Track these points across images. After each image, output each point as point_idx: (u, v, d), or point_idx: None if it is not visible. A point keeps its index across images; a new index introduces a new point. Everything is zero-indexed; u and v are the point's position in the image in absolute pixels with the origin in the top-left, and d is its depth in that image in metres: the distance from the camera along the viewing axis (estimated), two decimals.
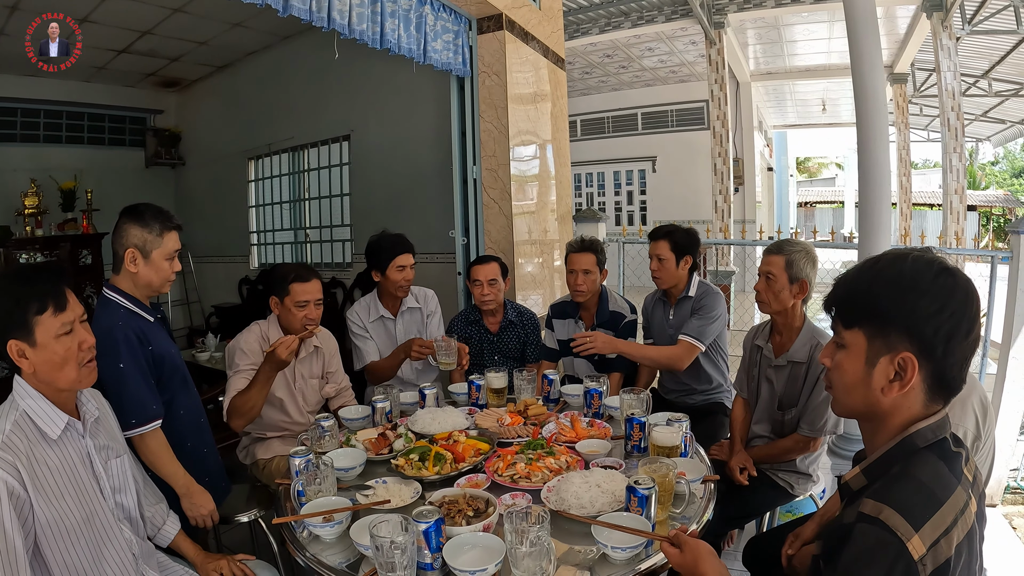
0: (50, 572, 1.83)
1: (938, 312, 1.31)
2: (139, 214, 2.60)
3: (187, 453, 2.76)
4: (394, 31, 3.98)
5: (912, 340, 1.34)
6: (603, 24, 11.21)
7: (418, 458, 2.46)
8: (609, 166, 16.53)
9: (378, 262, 3.78)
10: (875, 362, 1.38)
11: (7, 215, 7.44)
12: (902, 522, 1.23)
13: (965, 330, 1.32)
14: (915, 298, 1.33)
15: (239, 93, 8.28)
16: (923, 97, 15.72)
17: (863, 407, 1.45)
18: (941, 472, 1.33)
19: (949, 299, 1.32)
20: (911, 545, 1.21)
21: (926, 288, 1.33)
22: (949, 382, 1.36)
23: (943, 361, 1.33)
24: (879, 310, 1.38)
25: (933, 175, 24.86)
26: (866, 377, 1.40)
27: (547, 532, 1.75)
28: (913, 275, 1.35)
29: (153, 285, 2.66)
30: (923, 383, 1.36)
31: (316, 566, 1.94)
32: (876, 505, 1.28)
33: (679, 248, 3.69)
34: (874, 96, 4.25)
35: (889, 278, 1.38)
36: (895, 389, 1.37)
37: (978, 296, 1.36)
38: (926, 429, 1.36)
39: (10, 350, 1.81)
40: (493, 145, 4.80)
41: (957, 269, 1.36)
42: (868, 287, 1.41)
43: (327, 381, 3.58)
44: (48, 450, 1.84)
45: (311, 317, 3.27)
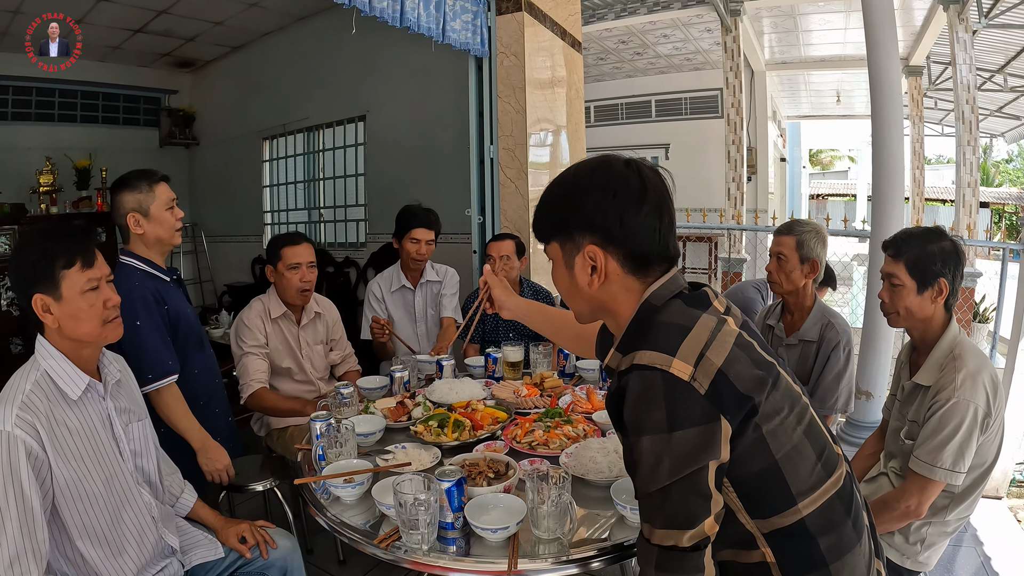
0: (68, 533, 1.85)
1: (600, 200, 1.41)
2: (125, 181, 2.76)
3: (199, 411, 2.86)
4: (414, 10, 3.98)
5: (590, 232, 1.44)
6: (619, 10, 11.15)
7: (437, 424, 2.49)
8: (622, 153, 16.27)
9: (398, 230, 3.92)
10: (572, 264, 1.48)
11: (22, 193, 7.45)
12: (656, 355, 1.29)
13: (636, 205, 1.40)
14: (580, 196, 1.44)
15: (254, 73, 8.25)
16: (938, 91, 15.60)
17: (588, 308, 1.57)
18: (680, 309, 1.41)
19: (608, 186, 1.42)
20: (674, 369, 1.27)
21: (586, 184, 1.45)
22: (647, 254, 1.44)
23: (626, 240, 1.42)
24: (558, 220, 1.50)
25: (946, 171, 24.71)
26: (572, 280, 1.50)
27: (568, 492, 1.78)
28: (575, 179, 1.48)
29: (163, 239, 2.79)
30: (620, 266, 1.45)
31: (338, 527, 1.96)
32: (628, 357, 1.35)
33: None
34: (890, 88, 4.23)
35: (558, 191, 1.51)
36: (596, 281, 1.46)
37: (644, 171, 1.45)
38: (659, 290, 1.45)
39: (35, 304, 1.82)
40: (511, 125, 4.79)
41: (617, 157, 1.48)
42: (545, 206, 1.54)
43: (331, 348, 3.70)
44: (68, 411, 1.86)
45: (306, 279, 3.39)
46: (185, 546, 2.22)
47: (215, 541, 2.31)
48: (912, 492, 2.19)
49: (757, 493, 1.36)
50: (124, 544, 1.95)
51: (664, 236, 1.44)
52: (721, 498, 1.31)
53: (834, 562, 1.38)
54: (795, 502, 1.36)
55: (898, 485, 2.36)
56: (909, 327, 2.41)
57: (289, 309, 3.46)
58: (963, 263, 2.32)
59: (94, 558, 1.89)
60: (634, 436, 1.30)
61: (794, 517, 1.36)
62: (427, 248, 3.91)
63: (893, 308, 2.37)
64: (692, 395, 1.25)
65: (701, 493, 1.27)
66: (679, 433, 1.24)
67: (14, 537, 1.64)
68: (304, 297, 3.41)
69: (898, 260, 2.32)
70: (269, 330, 3.40)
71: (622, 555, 1.81)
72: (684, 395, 1.25)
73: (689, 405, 1.25)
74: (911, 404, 2.36)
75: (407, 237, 3.87)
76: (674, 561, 1.28)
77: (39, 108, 8.00)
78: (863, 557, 1.44)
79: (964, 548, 3.46)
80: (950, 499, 2.28)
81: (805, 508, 1.36)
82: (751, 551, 1.40)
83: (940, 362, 2.27)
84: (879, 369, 4.58)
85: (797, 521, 1.36)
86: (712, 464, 1.27)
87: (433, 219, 3.92)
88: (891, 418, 2.55)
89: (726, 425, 1.27)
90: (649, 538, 1.31)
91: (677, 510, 1.27)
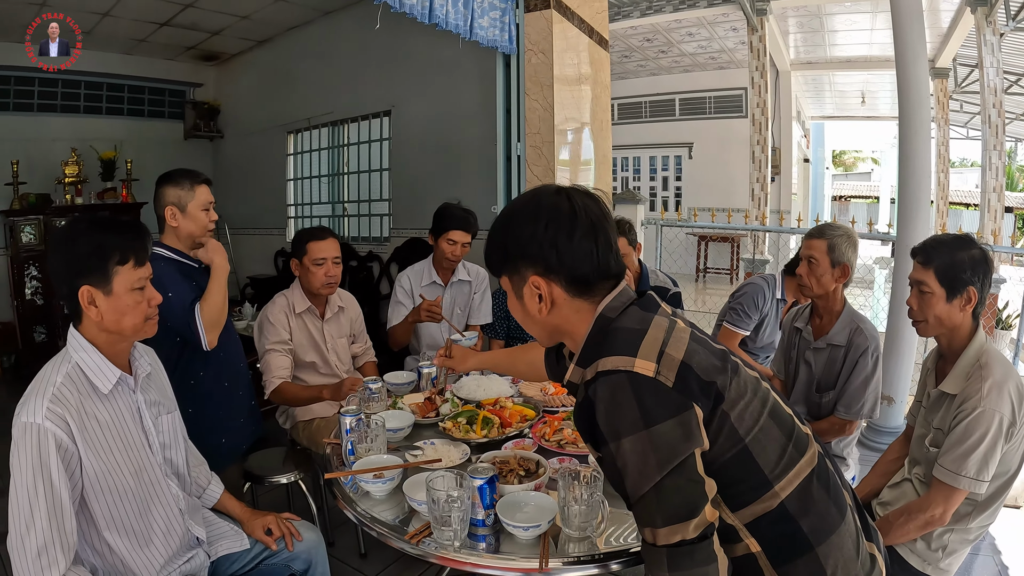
0: (96, 524, 1.85)
1: (533, 230, 1.47)
2: (170, 176, 2.92)
3: (224, 392, 3.04)
4: (443, 6, 3.98)
5: (530, 263, 1.49)
6: (644, 7, 11.10)
7: (466, 421, 2.49)
8: (645, 151, 16.42)
9: (435, 228, 3.90)
10: (521, 294, 1.54)
11: (48, 183, 7.53)
12: (617, 359, 1.33)
13: (567, 230, 1.46)
14: (515, 231, 1.51)
15: (279, 67, 8.28)
16: (964, 93, 15.47)
17: (545, 333, 1.62)
18: (633, 314, 1.49)
19: (538, 216, 1.47)
20: (638, 368, 1.30)
21: (519, 219, 1.51)
22: (587, 277, 1.49)
23: (564, 266, 1.47)
24: (500, 255, 1.56)
25: (970, 174, 24.51)
26: (524, 309, 1.56)
27: (599, 491, 1.78)
28: (509, 216, 1.55)
29: (195, 235, 2.92)
30: (565, 291, 1.50)
31: (368, 521, 1.96)
32: (590, 368, 1.39)
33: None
34: (917, 89, 4.20)
35: (497, 229, 1.57)
36: (545, 308, 1.52)
37: (573, 196, 1.50)
38: (612, 302, 1.51)
39: (81, 296, 1.82)
40: (538, 123, 4.78)
41: (547, 188, 1.54)
42: (490, 244, 1.59)
43: (353, 341, 3.75)
44: (99, 404, 1.86)
45: (331, 274, 3.42)
46: (211, 537, 2.22)
47: (241, 533, 2.31)
48: (937, 501, 2.18)
49: (733, 481, 1.38)
50: (151, 535, 1.96)
51: (602, 256, 1.48)
52: (713, 483, 1.33)
53: (820, 544, 1.41)
54: (771, 485, 1.39)
55: (922, 492, 2.35)
56: (937, 335, 2.38)
57: (313, 303, 3.47)
58: (992, 271, 2.30)
59: (121, 549, 1.89)
60: (614, 442, 1.32)
61: (773, 501, 1.39)
62: (463, 250, 3.90)
63: (922, 316, 2.34)
64: (661, 389, 1.30)
65: (694, 480, 1.30)
66: (657, 428, 1.28)
67: (43, 528, 1.65)
68: (329, 289, 3.43)
69: (928, 267, 2.29)
70: (293, 325, 3.42)
71: None
72: (653, 391, 1.29)
73: (660, 399, 1.29)
74: (937, 412, 2.34)
75: (444, 237, 3.85)
76: (685, 557, 1.29)
77: (65, 100, 8.08)
78: (850, 537, 1.46)
79: (982, 556, 3.43)
80: (973, 507, 2.27)
81: (783, 491, 1.39)
82: (735, 544, 1.42)
83: (966, 371, 2.25)
84: (901, 374, 4.56)
85: (777, 506, 1.39)
86: (697, 451, 1.30)
87: (472, 221, 3.91)
88: (916, 425, 2.52)
89: (698, 411, 1.31)
90: (654, 541, 1.32)
91: (676, 502, 1.29)
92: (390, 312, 3.99)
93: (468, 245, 3.92)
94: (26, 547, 1.64)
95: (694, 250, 14.37)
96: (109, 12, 6.73)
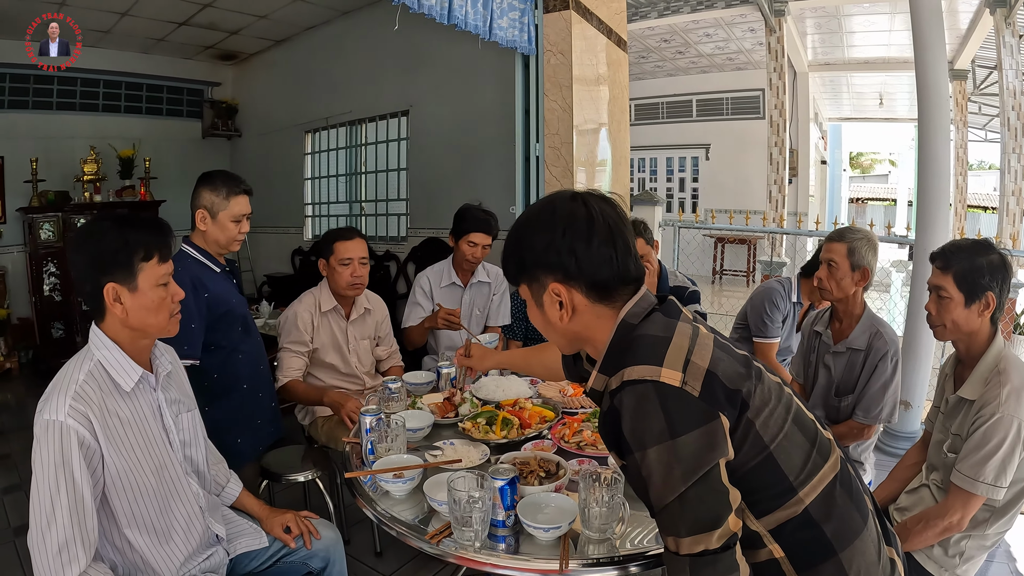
0: (117, 521, 1.86)
1: (551, 238, 1.46)
2: (210, 179, 2.89)
3: (243, 393, 3.06)
4: (462, 7, 3.99)
5: (549, 271, 1.48)
6: (662, 8, 11.08)
7: (485, 422, 2.49)
8: (662, 152, 16.37)
9: (457, 229, 3.89)
10: (541, 302, 1.53)
11: (66, 181, 7.59)
12: (643, 368, 1.32)
13: (586, 237, 1.44)
14: (532, 239, 1.49)
15: (297, 67, 8.33)
16: (982, 95, 15.36)
17: (566, 340, 1.60)
18: (657, 320, 1.46)
19: (555, 223, 1.46)
20: (664, 377, 1.30)
21: (534, 227, 1.50)
22: (607, 283, 1.48)
23: (583, 273, 1.46)
24: (518, 264, 1.54)
25: (988, 177, 24.32)
26: (545, 316, 1.55)
27: (620, 493, 1.78)
28: (525, 223, 1.53)
29: (220, 243, 2.94)
30: (585, 298, 1.49)
31: (388, 521, 1.97)
32: (615, 376, 1.38)
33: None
34: (936, 91, 4.18)
35: (513, 237, 1.55)
36: (566, 315, 1.50)
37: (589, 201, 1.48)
38: (634, 308, 1.49)
39: (106, 293, 1.83)
40: (557, 124, 4.79)
41: (563, 194, 1.52)
42: (507, 252, 1.57)
43: (378, 343, 3.74)
44: (120, 402, 1.86)
45: (357, 275, 3.42)
46: (230, 535, 2.23)
47: (259, 530, 2.32)
48: (955, 507, 2.17)
49: (757, 488, 1.38)
50: (172, 533, 1.97)
51: (621, 261, 1.47)
52: (737, 493, 1.33)
53: (843, 549, 1.40)
54: (796, 491, 1.39)
55: (939, 498, 2.34)
56: (955, 340, 2.38)
57: (339, 303, 3.48)
58: (1011, 277, 2.29)
59: (142, 546, 1.90)
60: (639, 451, 1.31)
61: (798, 507, 1.39)
62: (483, 252, 3.90)
63: (940, 321, 2.34)
64: (687, 399, 1.29)
65: (718, 490, 1.30)
66: (683, 438, 1.27)
67: (64, 525, 1.66)
68: (356, 290, 3.44)
69: (946, 272, 2.29)
70: (318, 323, 3.43)
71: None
72: (679, 401, 1.29)
73: (686, 409, 1.29)
74: (955, 417, 2.33)
75: (464, 239, 3.84)
76: (708, 567, 1.29)
77: (84, 98, 8.16)
78: (872, 543, 1.46)
79: (996, 563, 3.40)
80: (991, 513, 2.26)
81: (807, 496, 1.39)
82: (758, 551, 1.42)
83: (985, 376, 2.25)
84: (919, 379, 4.53)
85: (802, 512, 1.39)
86: (721, 461, 1.30)
87: (493, 223, 3.90)
88: (934, 430, 2.51)
89: (725, 421, 1.30)
90: (677, 550, 1.31)
91: (700, 512, 1.29)
92: (406, 312, 3.99)
93: (489, 247, 3.91)
94: (47, 543, 1.65)
95: (711, 252, 14.28)
96: (128, 12, 6.78)
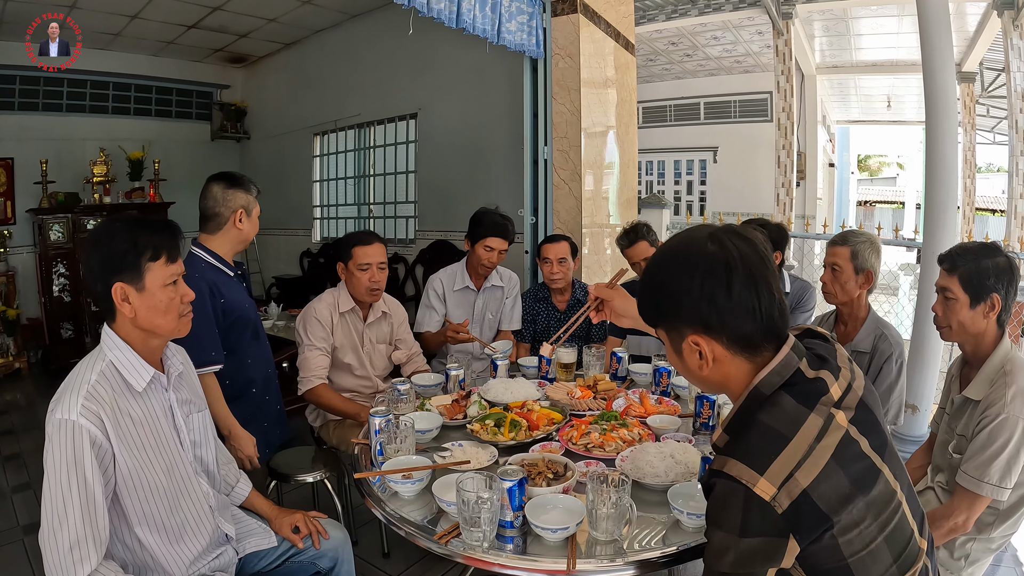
0: (127, 520, 1.86)
1: (688, 286, 1.36)
2: (238, 180, 2.92)
3: (251, 398, 3.04)
4: (470, 11, 4.01)
5: (688, 321, 1.40)
6: (670, 11, 11.08)
7: (494, 424, 2.50)
8: (670, 155, 16.36)
9: (473, 233, 3.87)
10: (680, 350, 1.45)
11: (76, 182, 7.66)
12: (745, 470, 1.28)
13: (725, 283, 1.34)
14: (670, 286, 1.40)
15: (306, 70, 8.37)
16: (991, 98, 15.31)
17: (707, 387, 1.54)
18: (787, 408, 1.34)
19: (693, 272, 1.36)
20: (758, 489, 1.25)
21: (673, 273, 1.40)
22: (750, 336, 1.38)
23: (724, 325, 1.37)
24: (655, 310, 1.48)
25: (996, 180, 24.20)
26: (685, 364, 1.47)
27: (627, 495, 1.79)
28: (660, 267, 1.45)
29: (250, 238, 3.01)
30: (726, 349, 1.40)
31: (397, 521, 1.98)
32: (721, 459, 1.34)
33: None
34: (944, 94, 4.16)
35: (649, 279, 1.48)
36: (706, 366, 1.42)
37: (728, 247, 1.36)
38: (770, 375, 1.38)
39: (115, 293, 1.84)
40: (565, 127, 4.81)
41: (699, 236, 1.40)
42: (643, 295, 1.51)
43: (395, 347, 3.70)
44: (132, 402, 1.87)
45: (375, 279, 3.39)
46: (240, 534, 2.24)
47: (269, 530, 2.33)
48: (960, 508, 2.18)
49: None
50: (182, 532, 1.98)
51: (765, 311, 1.36)
52: None
53: None
54: None
55: (945, 500, 2.35)
56: (961, 341, 2.39)
57: (357, 305, 3.48)
58: (1017, 279, 2.30)
59: (152, 545, 1.91)
60: (712, 526, 1.33)
61: None
62: (499, 257, 3.89)
63: (946, 322, 2.36)
64: (769, 513, 1.25)
65: None
66: (747, 540, 1.27)
67: (75, 523, 1.67)
68: (374, 296, 3.43)
69: (952, 274, 2.31)
70: (336, 323, 3.42)
71: (677, 559, 1.80)
72: (761, 511, 1.26)
73: (764, 521, 1.26)
74: (960, 418, 2.34)
75: (481, 244, 3.82)
76: None
77: (94, 101, 8.23)
78: None
79: (1003, 568, 3.39)
80: (995, 515, 2.27)
81: None
82: None
83: (991, 377, 2.26)
84: (926, 382, 4.51)
85: None
86: (771, 570, 1.29)
87: (510, 229, 3.89)
88: (939, 432, 2.53)
89: (793, 544, 1.27)
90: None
91: None
92: (420, 316, 3.98)
93: (505, 252, 3.89)
94: (58, 541, 1.66)
95: None
96: (138, 14, 6.82)
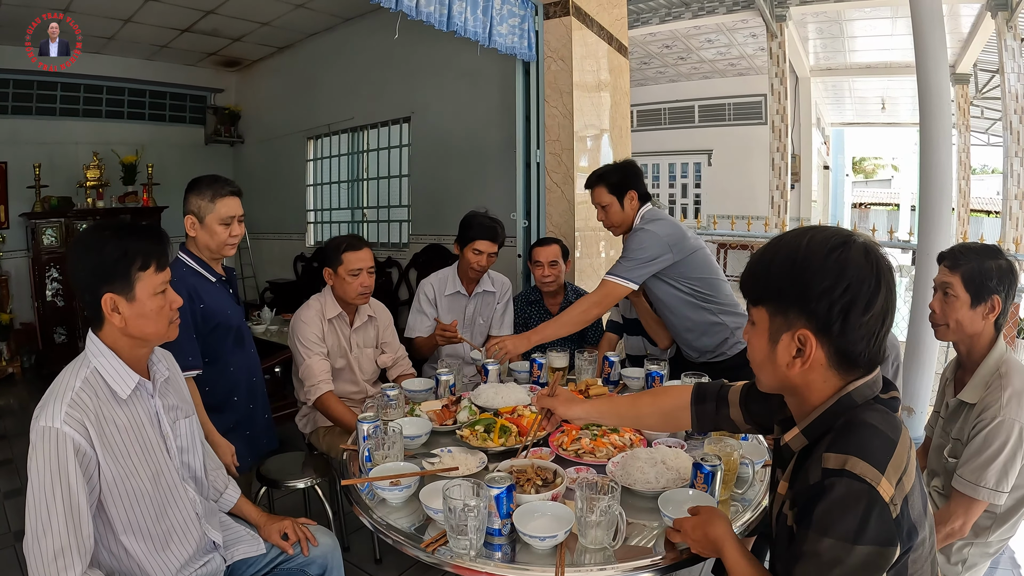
0: (113, 528, 1.85)
1: (831, 289, 1.30)
2: (196, 183, 2.85)
3: (234, 406, 2.99)
4: (461, 14, 3.99)
5: (808, 317, 1.34)
6: (663, 14, 11.11)
7: (483, 429, 2.49)
8: (664, 158, 16.39)
9: (462, 237, 3.83)
10: (777, 339, 1.40)
11: (69, 186, 7.64)
12: (868, 468, 1.25)
13: (864, 304, 1.30)
14: (809, 276, 1.33)
15: (300, 73, 8.37)
16: (985, 99, 15.34)
17: (776, 383, 1.48)
18: (887, 416, 1.35)
19: (842, 275, 1.30)
20: (881, 488, 1.23)
21: (819, 265, 1.32)
22: (855, 357, 1.36)
23: (842, 337, 1.33)
24: (776, 289, 1.39)
25: (991, 181, 24.25)
26: (771, 353, 1.42)
27: (617, 502, 1.76)
28: (808, 252, 1.35)
29: (211, 248, 2.86)
30: (826, 359, 1.36)
31: (384, 528, 1.96)
32: (839, 457, 1.29)
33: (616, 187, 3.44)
34: (938, 95, 4.16)
35: (786, 257, 1.38)
36: (797, 365, 1.38)
37: (882, 267, 1.32)
38: (863, 387, 1.37)
39: (104, 303, 1.82)
40: (557, 130, 4.80)
41: (856, 242, 1.35)
42: (767, 266, 1.42)
43: (382, 351, 3.68)
44: (117, 409, 1.85)
45: (365, 284, 3.38)
46: (228, 541, 2.22)
47: (257, 537, 2.31)
48: (957, 513, 2.17)
49: None
50: (168, 539, 1.96)
51: (879, 343, 1.35)
52: None
53: None
54: None
55: (941, 504, 2.33)
56: (956, 340, 2.37)
57: (344, 310, 3.46)
58: (1016, 284, 2.29)
59: (138, 553, 1.89)
60: (816, 533, 1.27)
61: None
62: (489, 260, 3.84)
63: (943, 319, 2.33)
64: (886, 517, 1.24)
65: None
66: (860, 548, 1.23)
67: (59, 531, 1.65)
68: (363, 300, 3.42)
69: (955, 272, 2.29)
70: (325, 330, 3.40)
71: (669, 568, 1.78)
72: (881, 514, 1.23)
73: (881, 526, 1.23)
74: (955, 422, 2.33)
75: (470, 247, 3.78)
76: None
77: (87, 104, 8.23)
78: None
79: (1001, 570, 3.39)
80: (992, 519, 2.26)
81: None
82: None
83: (986, 380, 2.25)
84: (922, 384, 4.50)
85: None
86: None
87: (499, 231, 3.85)
88: (934, 435, 2.50)
89: (896, 553, 1.26)
90: None
91: None
92: (410, 321, 3.94)
93: (495, 255, 3.85)
94: (43, 549, 1.65)
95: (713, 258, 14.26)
96: (131, 18, 6.81)
